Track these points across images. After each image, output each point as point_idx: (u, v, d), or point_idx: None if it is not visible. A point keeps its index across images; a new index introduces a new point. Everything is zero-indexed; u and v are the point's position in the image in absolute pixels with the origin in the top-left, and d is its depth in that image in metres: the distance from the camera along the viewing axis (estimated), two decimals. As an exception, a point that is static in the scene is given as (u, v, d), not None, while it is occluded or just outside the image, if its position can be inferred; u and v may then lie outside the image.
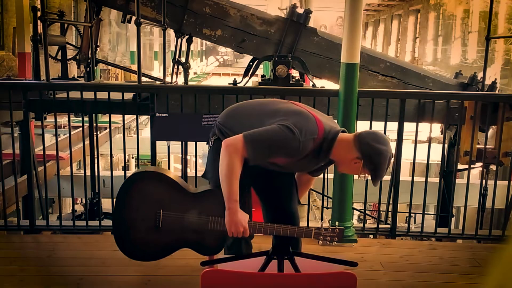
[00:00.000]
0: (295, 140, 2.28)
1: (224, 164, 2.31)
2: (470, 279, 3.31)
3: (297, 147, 2.30)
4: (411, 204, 4.18)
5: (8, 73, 11.16)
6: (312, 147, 2.35)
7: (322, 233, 2.38)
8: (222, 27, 5.88)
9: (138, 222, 2.48)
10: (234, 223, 2.32)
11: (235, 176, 2.29)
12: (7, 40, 11.91)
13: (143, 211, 2.46)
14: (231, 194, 2.32)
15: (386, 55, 10.35)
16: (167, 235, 2.47)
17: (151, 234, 2.47)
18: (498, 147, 4.31)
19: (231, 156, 2.28)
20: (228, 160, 2.29)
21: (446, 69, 14.27)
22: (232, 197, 2.32)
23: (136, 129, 8.85)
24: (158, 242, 2.49)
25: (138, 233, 2.49)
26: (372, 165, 2.31)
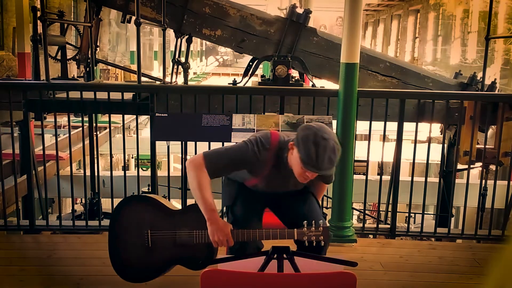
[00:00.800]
0: (248, 150, 2.39)
1: (191, 179, 2.39)
2: (470, 279, 3.32)
3: (253, 158, 2.38)
4: (410, 204, 4.18)
5: (8, 73, 11.16)
6: (270, 157, 2.40)
7: (306, 233, 2.30)
8: (221, 27, 5.88)
9: (130, 245, 2.56)
10: (216, 232, 2.31)
11: (204, 187, 2.35)
12: (7, 40, 11.91)
13: (133, 234, 2.54)
14: (206, 204, 2.34)
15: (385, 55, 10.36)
16: (158, 254, 2.52)
17: (144, 255, 2.53)
18: (497, 147, 4.31)
19: (195, 170, 2.37)
20: (193, 174, 2.37)
21: (446, 69, 14.28)
22: (207, 207, 2.34)
23: (136, 129, 8.84)
24: (151, 261, 2.55)
25: (132, 256, 2.57)
26: (302, 153, 2.22)
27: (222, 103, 4.00)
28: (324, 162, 2.20)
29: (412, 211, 5.80)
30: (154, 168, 4.08)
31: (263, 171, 2.45)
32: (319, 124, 2.34)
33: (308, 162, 2.21)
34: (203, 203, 2.36)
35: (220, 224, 2.32)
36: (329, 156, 2.20)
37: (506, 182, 4.11)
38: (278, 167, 2.44)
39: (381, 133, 4.16)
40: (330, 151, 2.21)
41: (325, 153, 2.19)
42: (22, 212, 5.29)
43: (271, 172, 2.46)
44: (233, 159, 2.42)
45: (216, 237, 2.31)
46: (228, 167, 2.47)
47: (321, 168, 2.21)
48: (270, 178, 2.50)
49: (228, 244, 2.33)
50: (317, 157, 2.19)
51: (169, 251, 2.50)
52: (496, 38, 11.01)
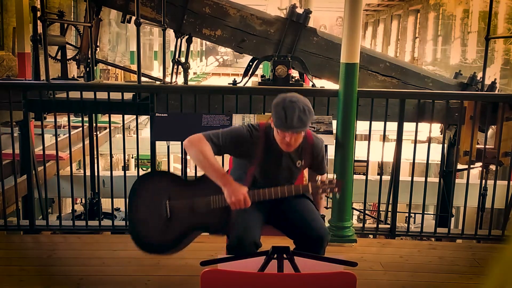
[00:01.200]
0: (242, 129, 2.56)
1: (194, 153, 2.47)
2: (470, 279, 3.32)
3: (248, 136, 2.53)
4: (410, 204, 4.18)
5: (8, 73, 11.16)
6: (261, 137, 2.54)
7: (320, 186, 2.42)
8: (221, 27, 5.88)
9: (150, 218, 2.57)
10: (233, 194, 2.37)
11: (209, 155, 2.44)
12: (7, 40, 11.91)
13: (152, 206, 2.56)
14: (216, 171, 2.42)
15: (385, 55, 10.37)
16: (178, 223, 2.54)
17: (164, 226, 2.55)
18: (497, 147, 4.31)
19: (196, 144, 2.47)
20: (195, 148, 2.46)
21: (446, 69, 14.28)
22: (219, 173, 2.42)
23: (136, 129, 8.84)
24: (171, 232, 2.56)
25: (152, 228, 2.58)
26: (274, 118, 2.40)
27: (222, 103, 4.00)
28: (294, 121, 2.35)
29: (412, 211, 5.81)
30: (154, 168, 4.09)
31: (257, 153, 2.54)
32: (291, 92, 2.50)
33: (279, 124, 2.38)
34: (213, 170, 2.43)
35: (235, 186, 2.39)
36: (298, 116, 2.36)
37: (506, 182, 4.11)
38: (269, 147, 2.54)
39: (381, 133, 4.16)
40: (299, 111, 2.36)
41: (294, 113, 2.35)
42: (22, 212, 5.29)
43: (264, 154, 2.55)
44: (231, 136, 2.54)
45: (233, 198, 2.37)
46: (226, 144, 2.53)
47: (291, 127, 2.36)
48: (265, 162, 2.56)
49: (245, 205, 2.38)
50: (286, 117, 2.35)
51: (188, 220, 2.53)
52: (496, 38, 11.01)
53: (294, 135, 2.42)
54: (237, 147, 2.57)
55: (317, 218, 2.59)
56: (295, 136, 2.43)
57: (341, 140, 3.73)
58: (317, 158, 2.67)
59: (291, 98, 2.41)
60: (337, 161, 3.77)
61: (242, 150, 2.57)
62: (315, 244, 2.49)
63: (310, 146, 2.63)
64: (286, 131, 2.40)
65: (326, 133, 3.73)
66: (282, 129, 2.40)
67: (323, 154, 2.70)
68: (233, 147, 2.56)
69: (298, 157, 2.61)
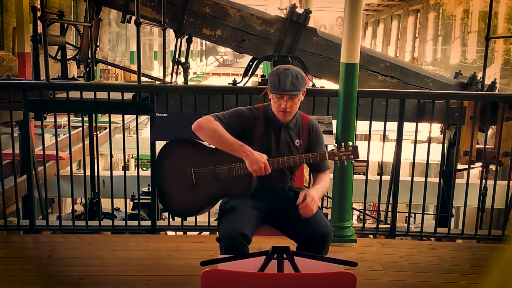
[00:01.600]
0: (244, 108, 2.71)
1: (208, 133, 2.58)
2: (470, 279, 3.31)
3: (249, 113, 2.66)
4: (410, 204, 4.18)
5: (8, 73, 11.16)
6: (261, 113, 2.67)
7: (337, 154, 2.53)
8: (221, 27, 5.88)
9: (177, 184, 2.69)
10: (254, 162, 2.48)
11: (222, 132, 2.54)
12: (7, 40, 11.91)
13: (178, 173, 2.67)
14: (233, 144, 2.53)
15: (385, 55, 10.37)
16: (202, 189, 2.65)
17: (190, 192, 2.67)
18: (497, 147, 4.31)
19: (207, 124, 2.58)
20: (208, 128, 2.57)
21: (446, 69, 14.28)
22: (236, 145, 2.53)
23: (136, 129, 8.84)
24: (197, 198, 2.67)
25: (179, 194, 2.70)
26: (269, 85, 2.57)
27: (222, 103, 4.00)
28: (287, 85, 2.52)
29: (412, 211, 5.81)
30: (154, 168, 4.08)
31: (258, 129, 2.65)
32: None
33: (274, 88, 2.54)
34: (231, 144, 2.54)
35: (255, 155, 2.49)
36: (291, 81, 2.52)
37: (506, 182, 4.11)
38: (269, 123, 2.66)
39: (381, 133, 4.16)
40: (292, 77, 2.53)
41: (287, 78, 2.52)
42: (22, 212, 5.29)
43: (264, 130, 2.65)
44: (236, 113, 2.66)
45: (254, 166, 2.49)
46: (232, 121, 2.63)
47: (285, 89, 2.52)
48: (265, 139, 2.65)
49: (265, 172, 2.49)
50: (279, 82, 2.52)
51: (212, 186, 2.63)
52: (496, 38, 11.01)
53: (289, 101, 2.55)
54: (241, 124, 2.66)
55: (320, 216, 2.60)
56: (290, 102, 2.56)
57: (341, 140, 3.72)
58: (314, 139, 2.73)
59: (284, 67, 2.60)
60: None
61: (245, 126, 2.66)
62: (319, 241, 2.49)
63: (307, 125, 2.73)
64: (280, 95, 2.54)
65: (326, 133, 3.72)
66: (277, 93, 2.54)
67: (320, 136, 2.76)
68: (238, 124, 2.65)
69: (297, 135, 2.70)
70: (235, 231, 2.46)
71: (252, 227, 2.56)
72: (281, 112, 2.60)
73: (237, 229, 2.47)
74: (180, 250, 3.68)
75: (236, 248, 2.41)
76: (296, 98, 2.58)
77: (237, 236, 2.44)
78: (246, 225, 2.51)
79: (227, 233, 2.47)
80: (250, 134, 2.66)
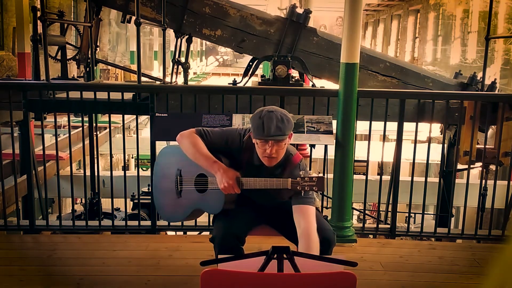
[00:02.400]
0: (235, 130, 2.64)
1: (185, 146, 2.57)
2: (470, 279, 3.32)
3: (237, 137, 2.58)
4: (410, 204, 4.18)
5: (8, 73, 11.16)
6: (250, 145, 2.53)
7: (300, 183, 2.39)
8: (221, 27, 5.88)
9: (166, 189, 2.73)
10: (223, 180, 2.45)
11: (199, 146, 2.53)
12: (7, 40, 11.91)
13: (168, 178, 2.71)
14: (207, 159, 2.51)
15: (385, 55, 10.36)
16: (185, 199, 2.68)
17: (175, 199, 2.70)
18: (497, 147, 4.31)
19: (187, 138, 2.57)
20: (186, 141, 2.56)
21: (446, 69, 14.28)
22: (209, 160, 2.50)
23: (136, 129, 8.84)
24: (180, 205, 2.70)
25: (166, 198, 2.74)
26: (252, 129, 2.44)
27: (222, 103, 4.00)
28: (271, 129, 2.37)
29: (412, 211, 5.80)
30: (154, 168, 4.08)
31: (241, 160, 2.57)
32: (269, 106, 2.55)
33: (258, 133, 2.40)
34: (204, 159, 2.52)
35: (225, 172, 2.46)
36: (276, 125, 2.38)
37: (506, 182, 4.11)
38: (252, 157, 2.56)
39: (381, 133, 4.16)
40: (277, 120, 2.38)
41: (271, 122, 2.37)
42: (22, 212, 5.29)
43: (246, 164, 2.57)
44: (222, 134, 2.62)
45: (222, 185, 2.46)
46: (215, 141, 2.60)
47: (268, 134, 2.37)
48: (246, 172, 2.55)
49: (234, 191, 2.46)
50: (263, 126, 2.37)
51: (193, 196, 2.65)
52: (496, 38, 11.01)
53: (275, 146, 2.40)
54: (224, 146, 2.60)
55: (321, 220, 2.60)
56: (275, 147, 2.40)
57: (341, 140, 3.73)
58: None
59: (268, 109, 2.45)
60: (337, 161, 3.77)
61: (227, 151, 2.60)
62: (323, 246, 2.46)
63: (294, 167, 2.54)
64: (265, 140, 2.39)
65: (326, 133, 3.73)
66: (261, 138, 2.40)
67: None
68: (221, 145, 2.60)
69: (279, 174, 2.53)
70: (227, 232, 2.48)
71: (246, 228, 2.57)
72: (266, 158, 2.44)
73: (229, 229, 2.49)
74: (180, 250, 3.68)
75: (229, 248, 2.43)
76: (283, 142, 2.42)
77: (228, 237, 2.46)
78: (239, 225, 2.53)
79: (219, 234, 2.49)
80: (233, 160, 2.59)
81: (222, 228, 2.51)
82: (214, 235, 2.52)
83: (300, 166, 2.55)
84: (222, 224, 2.55)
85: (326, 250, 2.49)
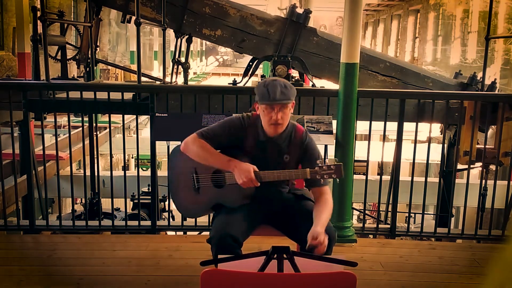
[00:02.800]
0: (234, 118, 2.66)
1: (194, 152, 2.59)
2: (470, 279, 3.31)
3: (239, 124, 2.61)
4: (410, 204, 4.18)
5: (8, 73, 11.16)
6: (252, 125, 2.60)
7: (319, 172, 2.44)
8: (221, 27, 5.88)
9: (183, 185, 2.74)
10: (241, 175, 2.47)
11: (208, 148, 2.56)
12: (7, 40, 11.91)
13: (184, 175, 2.72)
14: (220, 159, 2.54)
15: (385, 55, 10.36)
16: (202, 194, 2.69)
17: (193, 194, 2.71)
18: (497, 147, 4.31)
19: (192, 144, 2.59)
20: (193, 147, 2.58)
21: (446, 69, 14.27)
22: (223, 160, 2.54)
23: (136, 129, 8.84)
24: (197, 201, 2.72)
25: (184, 196, 2.76)
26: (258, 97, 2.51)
27: (222, 103, 4.00)
28: (277, 94, 2.45)
29: (412, 211, 5.81)
30: (154, 168, 4.08)
31: (246, 142, 2.60)
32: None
33: (263, 99, 2.47)
34: (217, 159, 2.55)
35: (243, 168, 2.48)
36: (280, 90, 2.47)
37: (506, 182, 4.11)
38: (258, 135, 2.60)
39: (381, 133, 4.16)
40: (281, 87, 2.48)
41: (276, 88, 2.46)
42: (22, 212, 5.29)
43: (253, 143, 2.60)
44: (223, 126, 2.63)
45: (241, 180, 2.48)
46: (218, 135, 2.62)
47: (274, 99, 2.45)
48: (253, 151, 2.60)
49: (254, 184, 2.48)
50: (269, 92, 2.46)
51: (210, 192, 2.66)
52: (496, 38, 11.00)
53: (280, 112, 2.48)
54: (228, 136, 2.63)
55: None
56: (281, 113, 2.49)
57: (341, 140, 3.73)
58: (305, 155, 2.62)
59: (271, 78, 2.58)
60: (337, 161, 3.76)
61: (232, 139, 2.63)
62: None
63: (299, 139, 2.63)
64: (271, 105, 2.47)
65: (326, 133, 3.73)
66: (267, 103, 2.47)
67: (312, 151, 2.63)
68: (225, 137, 2.63)
69: (286, 150, 2.61)
70: (224, 233, 2.48)
71: (244, 229, 2.56)
72: (272, 126, 2.52)
73: (226, 231, 2.48)
74: (180, 250, 3.68)
75: (226, 249, 2.42)
76: (287, 108, 2.51)
77: (225, 238, 2.46)
78: (237, 227, 2.52)
79: (216, 235, 2.49)
80: (239, 145, 2.63)
81: (219, 229, 2.51)
82: (212, 236, 2.52)
83: (303, 136, 2.64)
84: (220, 225, 2.55)
85: (328, 247, 2.48)
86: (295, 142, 2.62)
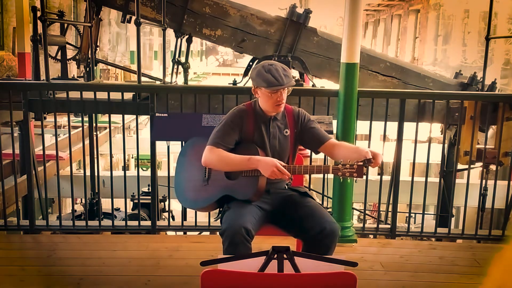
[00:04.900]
0: (230, 113, 2.76)
1: (216, 164, 2.65)
2: (470, 279, 3.31)
3: (237, 115, 2.71)
4: (411, 204, 4.18)
5: (8, 73, 11.15)
6: (250, 111, 2.72)
7: (341, 169, 2.51)
8: (222, 27, 5.89)
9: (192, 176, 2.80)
10: (267, 170, 2.52)
11: (227, 156, 2.61)
12: (7, 40, 11.90)
13: (195, 166, 2.78)
14: (243, 161, 2.59)
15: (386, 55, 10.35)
16: (213, 185, 2.73)
17: (202, 185, 2.77)
18: (498, 147, 4.32)
19: (210, 155, 2.63)
20: (213, 157, 2.63)
21: (446, 69, 14.27)
22: (244, 162, 2.58)
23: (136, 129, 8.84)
24: (207, 191, 2.76)
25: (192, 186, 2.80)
26: (263, 83, 2.58)
27: (222, 103, 4.00)
28: (283, 79, 2.57)
29: (412, 211, 5.81)
30: (154, 168, 4.08)
31: (248, 127, 2.70)
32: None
33: (271, 83, 2.56)
34: (239, 164, 2.60)
35: (266, 161, 2.54)
36: (283, 74, 2.59)
37: (506, 182, 4.10)
38: (257, 118, 2.71)
39: (381, 133, 4.16)
40: (281, 70, 2.60)
41: (278, 72, 2.58)
42: (22, 212, 5.29)
43: (255, 127, 2.70)
44: (225, 124, 2.71)
45: (268, 172, 2.52)
46: (227, 134, 2.69)
47: (284, 83, 2.57)
48: (257, 134, 2.69)
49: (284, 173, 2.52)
50: (275, 77, 2.57)
51: (221, 184, 2.71)
52: (497, 38, 11.00)
53: (284, 93, 2.64)
54: (236, 129, 2.71)
55: (327, 213, 2.63)
56: (284, 94, 2.64)
57: (341, 140, 3.73)
58: (303, 123, 2.76)
59: (267, 62, 2.66)
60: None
61: (240, 129, 2.71)
62: (328, 238, 2.49)
63: (291, 113, 2.78)
64: (279, 88, 2.57)
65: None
66: (276, 87, 2.56)
67: (308, 118, 2.79)
68: (233, 131, 2.70)
69: (284, 125, 2.75)
70: (237, 225, 2.47)
71: (255, 223, 2.56)
72: (277, 106, 2.66)
73: (240, 223, 2.48)
74: (180, 250, 3.68)
75: (238, 242, 2.42)
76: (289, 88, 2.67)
77: (239, 230, 2.45)
78: (249, 220, 2.52)
79: (230, 227, 2.48)
80: (244, 132, 2.71)
81: (233, 222, 2.51)
82: (225, 228, 2.51)
83: (293, 109, 2.80)
84: (233, 217, 2.54)
85: (331, 242, 2.51)
86: (289, 116, 2.77)
